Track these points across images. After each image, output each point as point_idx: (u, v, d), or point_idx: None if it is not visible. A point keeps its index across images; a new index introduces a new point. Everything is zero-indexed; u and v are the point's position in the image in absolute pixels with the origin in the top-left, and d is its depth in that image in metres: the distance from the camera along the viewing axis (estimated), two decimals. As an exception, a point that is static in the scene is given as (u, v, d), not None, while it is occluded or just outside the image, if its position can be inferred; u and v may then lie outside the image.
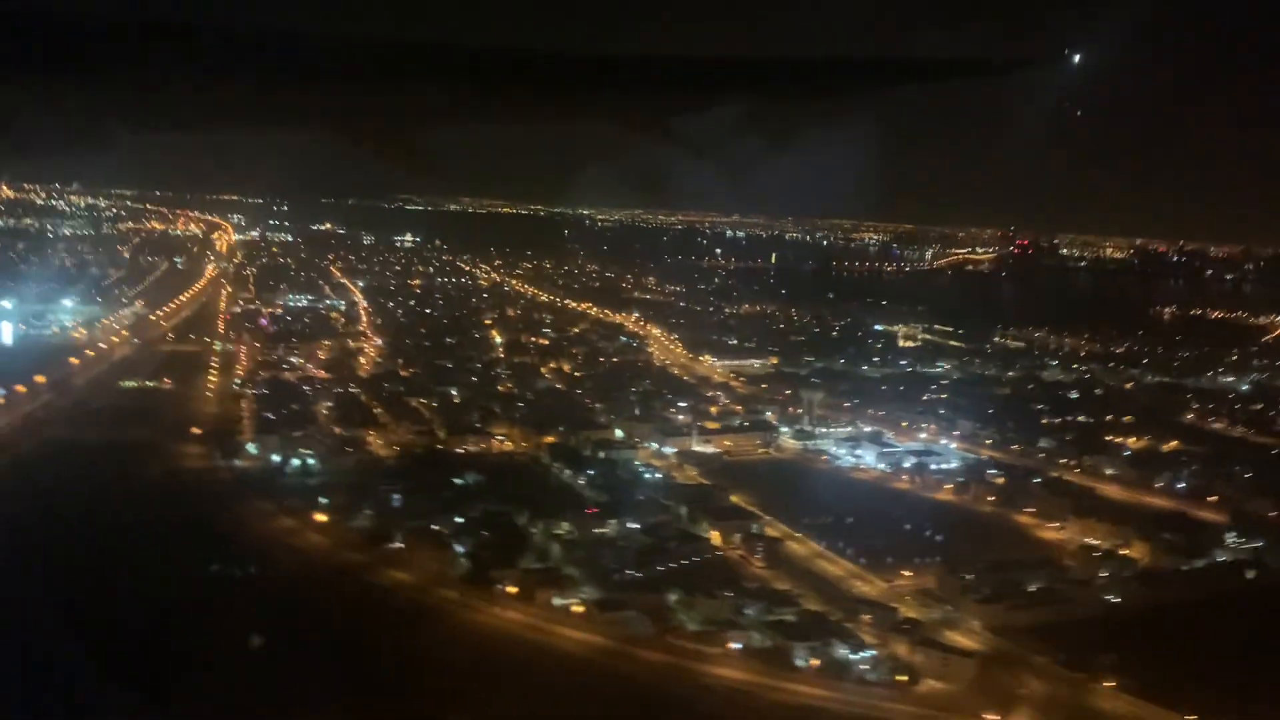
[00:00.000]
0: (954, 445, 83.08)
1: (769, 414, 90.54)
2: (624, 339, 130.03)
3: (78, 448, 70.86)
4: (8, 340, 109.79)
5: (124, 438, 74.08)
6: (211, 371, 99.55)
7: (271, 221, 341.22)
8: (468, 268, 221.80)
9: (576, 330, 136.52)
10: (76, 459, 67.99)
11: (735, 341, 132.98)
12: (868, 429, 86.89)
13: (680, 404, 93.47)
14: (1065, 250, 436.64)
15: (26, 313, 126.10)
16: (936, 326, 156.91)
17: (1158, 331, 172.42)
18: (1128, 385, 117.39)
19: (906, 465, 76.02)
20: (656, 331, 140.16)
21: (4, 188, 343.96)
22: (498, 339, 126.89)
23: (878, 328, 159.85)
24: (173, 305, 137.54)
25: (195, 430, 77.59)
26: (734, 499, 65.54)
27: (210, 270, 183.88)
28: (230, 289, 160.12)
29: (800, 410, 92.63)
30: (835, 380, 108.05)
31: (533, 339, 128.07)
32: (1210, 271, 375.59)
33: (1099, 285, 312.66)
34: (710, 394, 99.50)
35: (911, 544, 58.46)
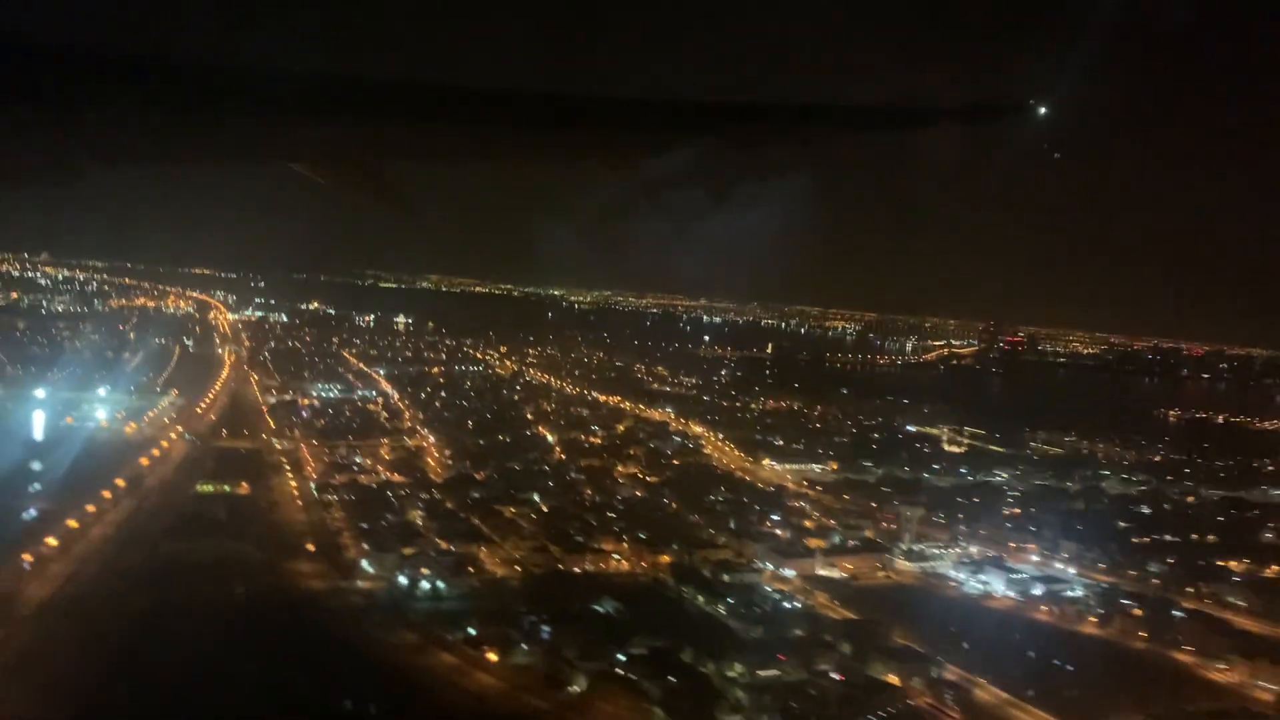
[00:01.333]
0: (1070, 569, 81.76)
1: (868, 531, 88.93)
2: (676, 439, 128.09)
3: (191, 565, 67.11)
4: (37, 435, 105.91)
5: (232, 553, 70.44)
6: (282, 474, 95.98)
7: (257, 300, 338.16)
8: (478, 354, 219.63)
9: (622, 428, 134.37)
10: (197, 579, 64.34)
11: (781, 442, 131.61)
12: (973, 548, 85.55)
13: (772, 516, 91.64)
14: (1043, 345, 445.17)
15: (60, 402, 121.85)
16: (968, 429, 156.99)
17: (1177, 436, 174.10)
18: (1189, 499, 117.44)
19: (1036, 592, 74.43)
20: (698, 429, 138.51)
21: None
22: (549, 437, 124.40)
23: (910, 428, 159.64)
24: (208, 396, 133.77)
25: (306, 546, 74.30)
26: (898, 637, 63.08)
27: (227, 356, 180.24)
28: (255, 376, 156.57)
29: (896, 526, 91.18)
30: (906, 491, 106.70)
31: (584, 437, 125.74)
32: (1185, 371, 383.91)
33: (1088, 383, 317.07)
34: (794, 504, 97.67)
35: (1097, 691, 56.57)
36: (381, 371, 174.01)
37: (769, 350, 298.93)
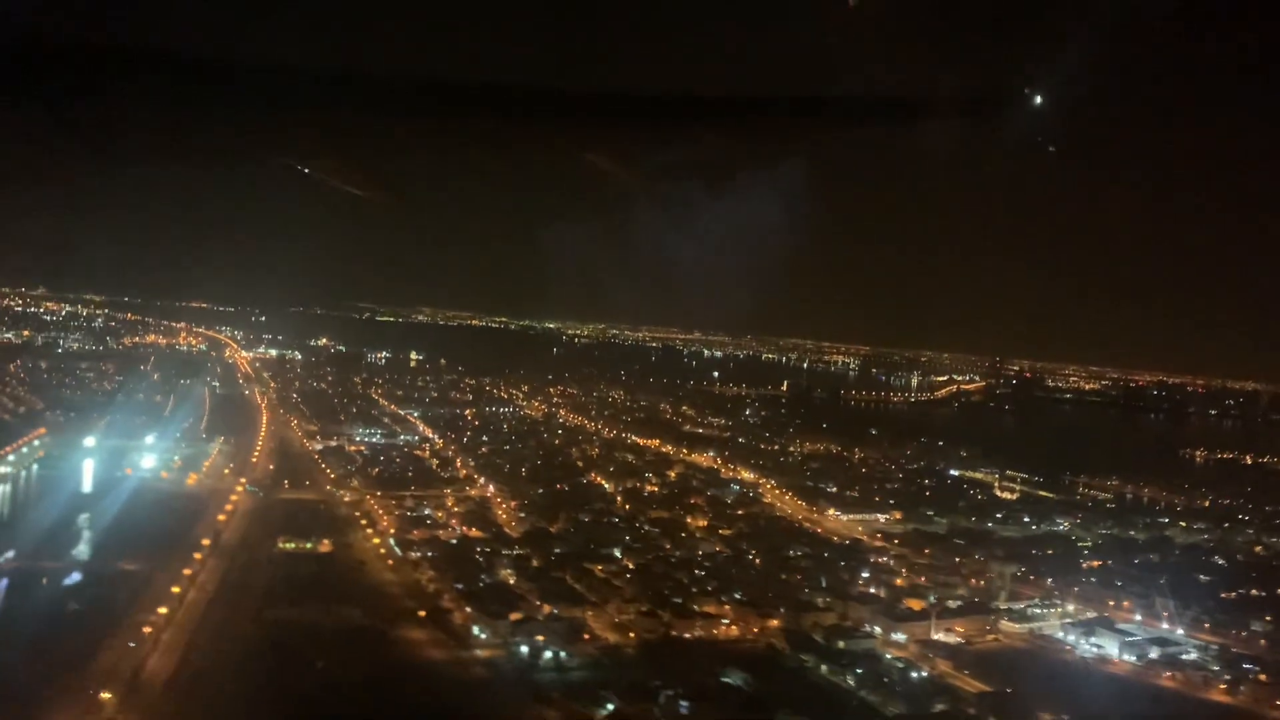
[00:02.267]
0: (1175, 629, 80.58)
1: (960, 589, 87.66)
2: (732, 487, 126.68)
3: (305, 633, 65.28)
4: (103, 489, 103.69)
5: (341, 619, 68.58)
6: (358, 529, 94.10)
7: (264, 336, 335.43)
8: (501, 393, 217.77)
9: (674, 474, 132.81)
10: (317, 649, 62.47)
11: (835, 489, 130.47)
12: (1069, 606, 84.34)
13: (861, 574, 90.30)
14: (1047, 381, 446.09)
15: (111, 451, 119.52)
16: (1009, 472, 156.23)
17: (1216, 480, 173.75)
18: (1258, 549, 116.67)
19: (1153, 656, 73.22)
20: (749, 475, 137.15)
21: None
22: (606, 486, 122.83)
23: (954, 472, 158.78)
24: (256, 442, 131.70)
25: (412, 610, 72.40)
26: (1042, 710, 61.55)
27: (258, 398, 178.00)
28: (294, 420, 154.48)
29: (985, 583, 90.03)
30: (980, 543, 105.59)
31: (641, 485, 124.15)
32: (1192, 408, 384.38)
33: (1101, 421, 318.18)
34: (876, 560, 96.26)
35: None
36: (415, 414, 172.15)
37: (784, 388, 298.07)
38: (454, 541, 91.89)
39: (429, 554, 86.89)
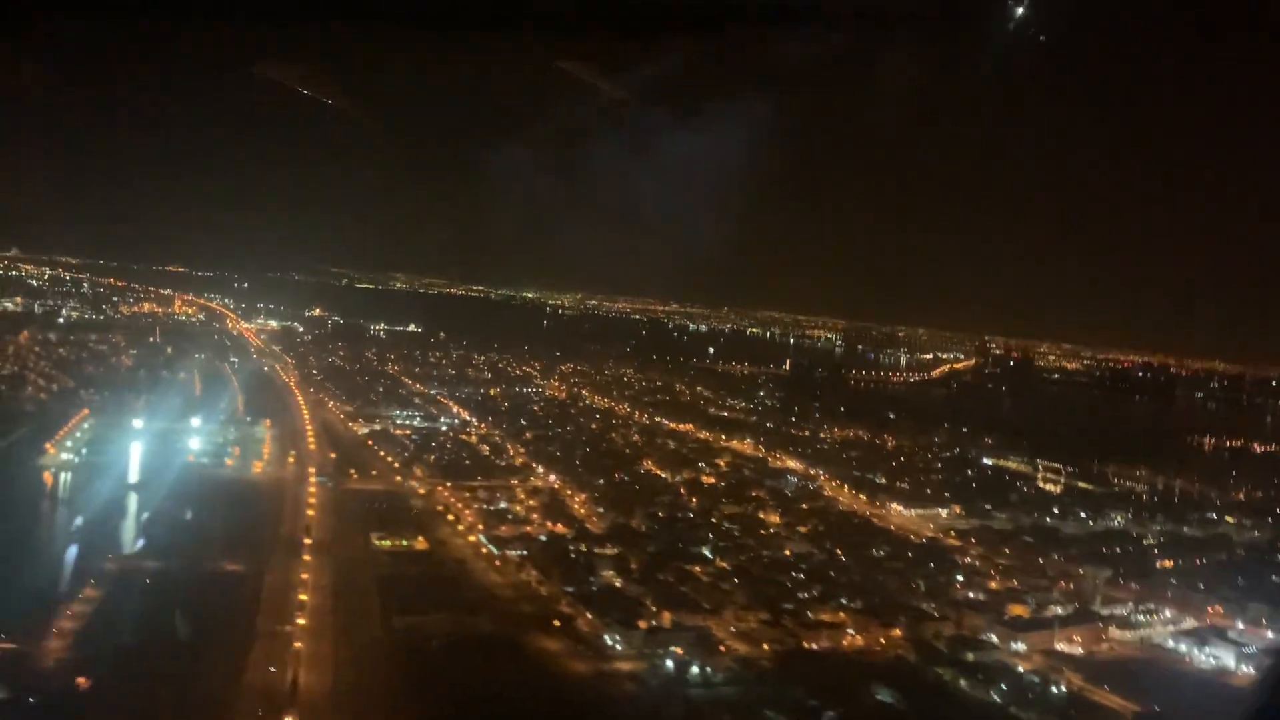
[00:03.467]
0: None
1: (1055, 593, 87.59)
2: (788, 479, 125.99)
3: (444, 643, 63.60)
4: (175, 479, 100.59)
5: (470, 628, 66.99)
6: (444, 523, 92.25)
7: (256, 304, 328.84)
8: (516, 371, 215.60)
9: (724, 464, 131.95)
10: (466, 662, 60.82)
11: (884, 480, 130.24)
12: (1166, 611, 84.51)
13: (954, 577, 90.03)
14: (1035, 361, 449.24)
15: (163, 436, 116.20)
16: (1039, 461, 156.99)
17: (1240, 470, 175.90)
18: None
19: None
20: (795, 465, 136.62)
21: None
22: (664, 476, 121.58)
23: (988, 461, 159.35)
24: (301, 426, 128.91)
25: (537, 616, 70.87)
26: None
27: (281, 375, 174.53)
28: (329, 402, 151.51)
29: (1075, 586, 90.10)
30: (1049, 541, 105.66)
31: (698, 477, 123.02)
32: (1178, 391, 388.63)
33: (1093, 403, 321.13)
34: (959, 560, 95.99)
35: None
36: (444, 393, 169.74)
37: (787, 367, 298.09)
38: (544, 539, 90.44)
39: (525, 552, 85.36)
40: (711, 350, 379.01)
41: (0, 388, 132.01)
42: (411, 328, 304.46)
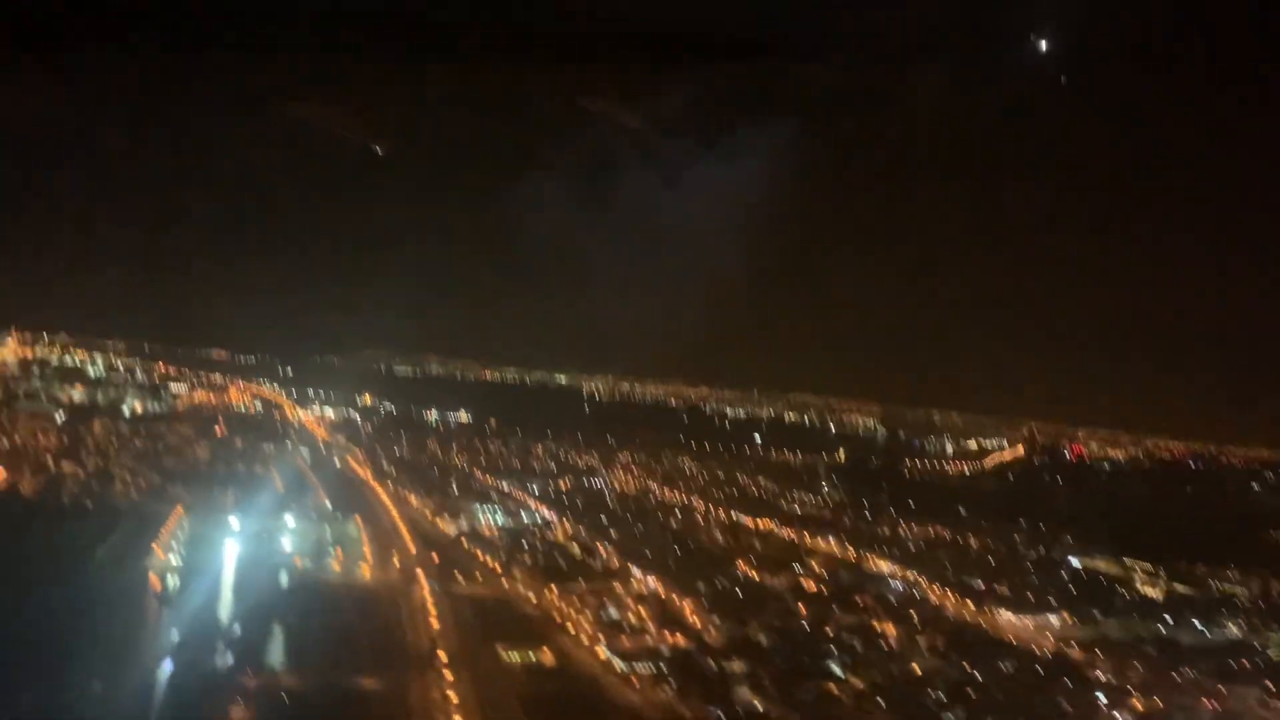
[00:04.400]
0: None
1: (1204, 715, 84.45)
2: (890, 584, 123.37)
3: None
4: (292, 586, 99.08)
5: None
6: (561, 634, 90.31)
7: (308, 391, 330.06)
8: (579, 462, 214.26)
9: (817, 565, 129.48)
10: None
11: (981, 584, 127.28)
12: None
13: (1097, 695, 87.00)
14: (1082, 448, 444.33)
15: (259, 537, 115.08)
16: (1126, 559, 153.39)
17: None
18: None
19: None
20: (886, 566, 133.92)
21: (13, 345, 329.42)
22: (760, 579, 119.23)
23: (1074, 562, 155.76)
24: (391, 524, 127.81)
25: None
26: None
27: (355, 468, 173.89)
28: (410, 497, 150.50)
29: (1224, 706, 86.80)
30: (1170, 654, 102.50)
31: (795, 580, 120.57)
32: (1229, 480, 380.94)
33: (1151, 494, 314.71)
34: (1099, 678, 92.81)
35: None
36: (516, 486, 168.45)
37: (840, 456, 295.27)
38: (668, 653, 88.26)
39: (653, 668, 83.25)
40: (758, 438, 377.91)
41: (92, 484, 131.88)
42: (463, 415, 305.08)
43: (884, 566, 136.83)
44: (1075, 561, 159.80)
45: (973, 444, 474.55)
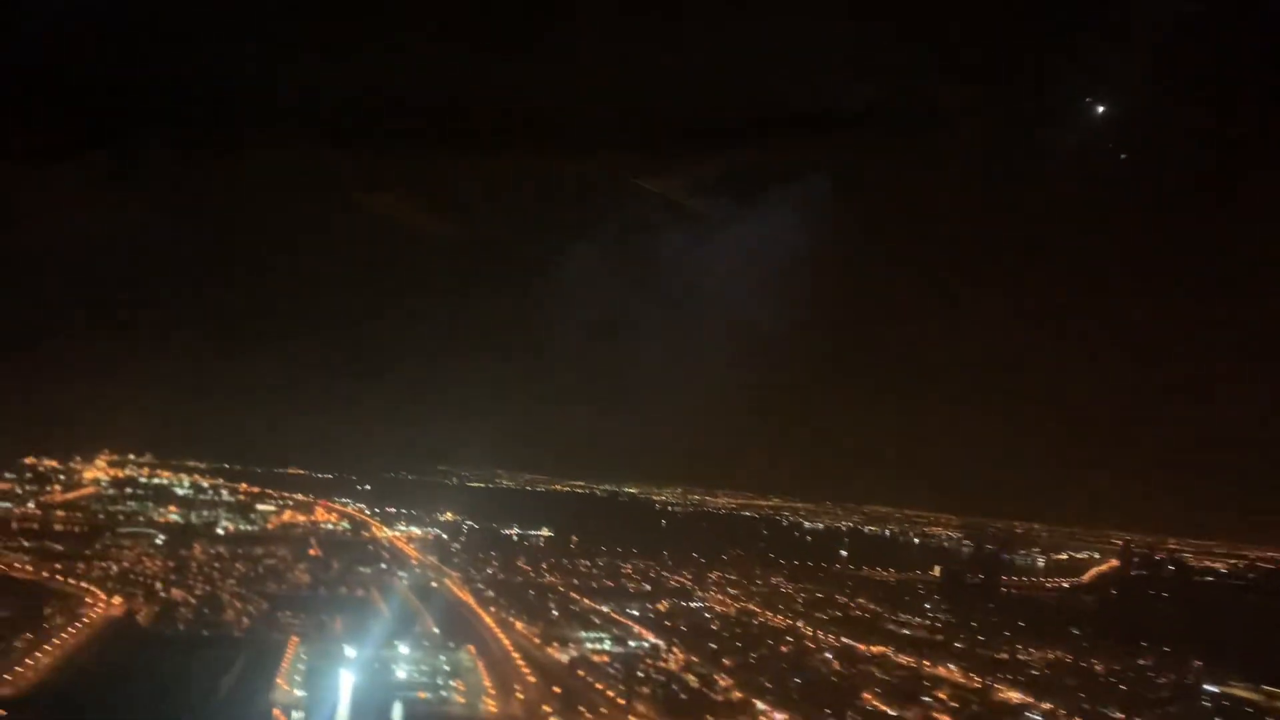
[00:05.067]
0: None
1: None
2: (1027, 714, 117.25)
3: None
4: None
5: None
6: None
7: (388, 508, 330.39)
8: (673, 581, 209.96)
9: (946, 696, 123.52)
10: None
11: (1122, 716, 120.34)
12: None
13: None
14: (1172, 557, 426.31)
15: (369, 664, 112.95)
16: (1265, 687, 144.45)
17: None
18: None
19: None
20: (1020, 696, 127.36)
21: (103, 465, 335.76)
22: (894, 713, 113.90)
23: (1211, 688, 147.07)
24: (501, 651, 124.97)
25: None
26: None
27: (454, 590, 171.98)
28: (512, 621, 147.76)
29: None
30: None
31: (929, 713, 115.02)
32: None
33: (1264, 608, 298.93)
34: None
35: None
36: (616, 609, 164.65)
37: (935, 572, 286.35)
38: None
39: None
40: (844, 552, 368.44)
41: (204, 611, 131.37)
42: (545, 531, 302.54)
43: (1014, 696, 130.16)
44: (1212, 687, 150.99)
45: (1063, 557, 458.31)
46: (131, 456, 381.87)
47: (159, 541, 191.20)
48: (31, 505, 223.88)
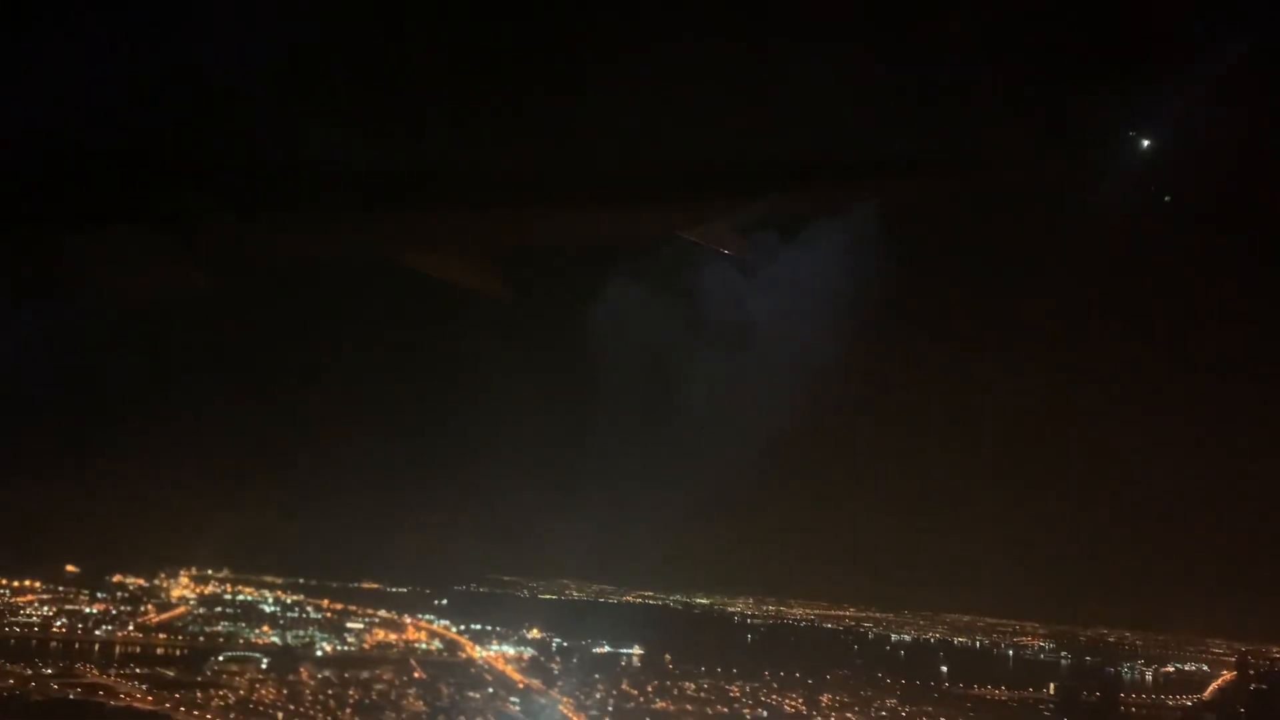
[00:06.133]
0: None
1: None
2: None
3: None
4: None
5: None
6: None
7: (484, 626, 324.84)
8: (788, 705, 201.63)
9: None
10: None
11: None
12: None
13: None
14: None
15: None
16: None
17: None
18: None
19: None
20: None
21: (186, 582, 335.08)
22: None
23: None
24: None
25: None
26: None
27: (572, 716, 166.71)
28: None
29: None
30: None
31: None
32: None
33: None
34: None
35: None
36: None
37: (1051, 690, 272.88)
38: None
39: None
40: (945, 669, 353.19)
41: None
42: (637, 650, 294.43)
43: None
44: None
45: (1170, 669, 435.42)
46: (210, 572, 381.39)
47: (263, 665, 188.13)
48: (131, 628, 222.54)
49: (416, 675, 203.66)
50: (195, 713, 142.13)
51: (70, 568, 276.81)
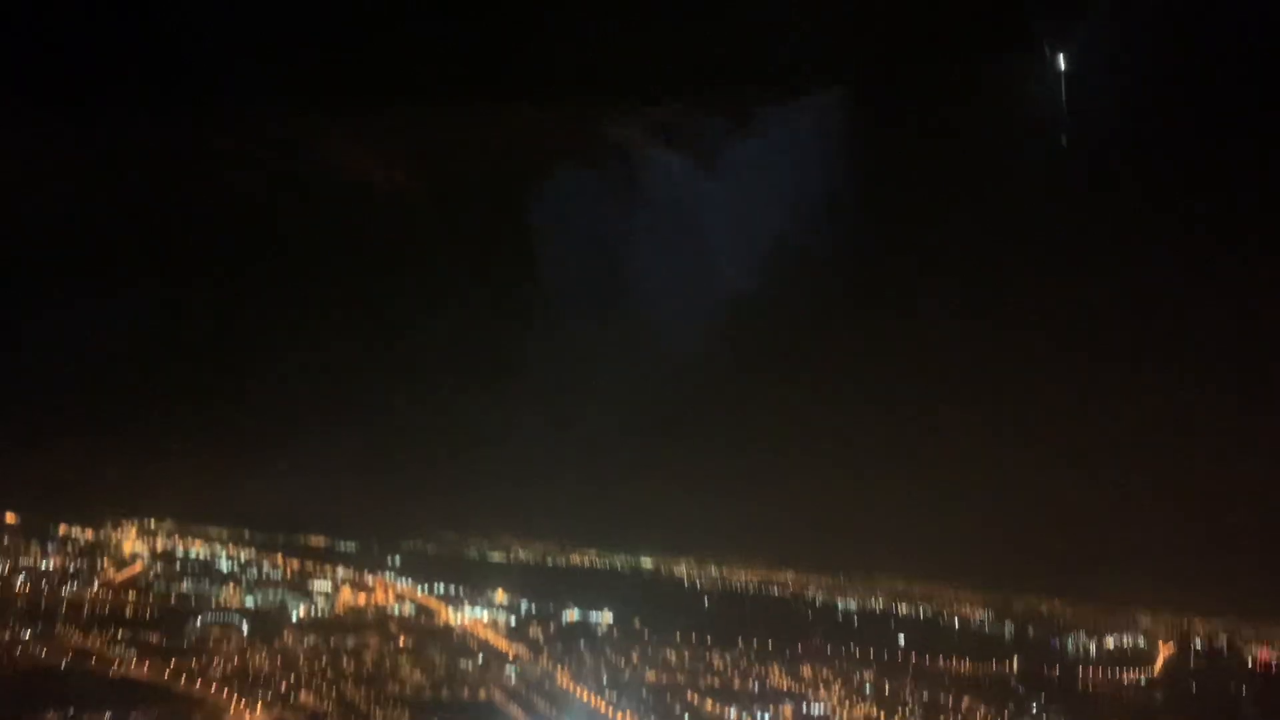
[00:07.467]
0: None
1: None
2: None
3: None
4: None
5: None
6: None
7: (449, 586, 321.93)
8: (777, 681, 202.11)
9: None
10: None
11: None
12: None
13: None
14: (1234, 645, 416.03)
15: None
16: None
17: None
18: None
19: None
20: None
21: (134, 535, 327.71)
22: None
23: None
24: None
25: None
26: None
27: (578, 691, 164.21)
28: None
29: None
30: None
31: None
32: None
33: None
34: None
35: None
36: (739, 713, 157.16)
37: (1015, 666, 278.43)
38: None
39: None
40: (901, 639, 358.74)
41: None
42: (607, 616, 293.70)
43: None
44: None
45: (1110, 642, 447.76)
46: (153, 523, 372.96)
47: (245, 630, 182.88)
48: (97, 587, 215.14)
49: (401, 642, 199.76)
50: (196, 683, 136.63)
51: (10, 517, 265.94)
